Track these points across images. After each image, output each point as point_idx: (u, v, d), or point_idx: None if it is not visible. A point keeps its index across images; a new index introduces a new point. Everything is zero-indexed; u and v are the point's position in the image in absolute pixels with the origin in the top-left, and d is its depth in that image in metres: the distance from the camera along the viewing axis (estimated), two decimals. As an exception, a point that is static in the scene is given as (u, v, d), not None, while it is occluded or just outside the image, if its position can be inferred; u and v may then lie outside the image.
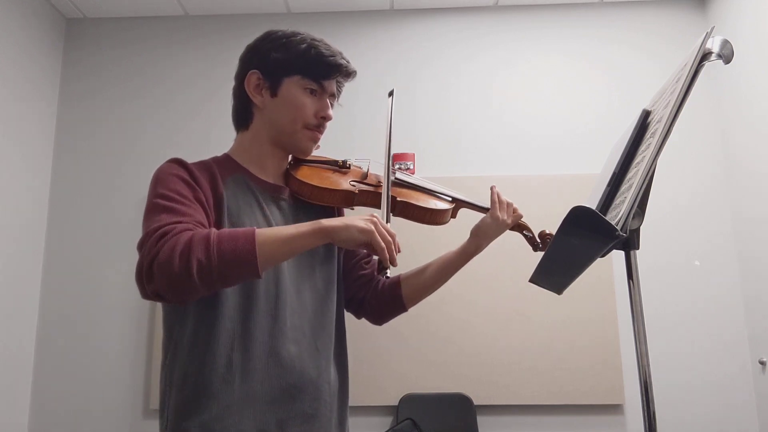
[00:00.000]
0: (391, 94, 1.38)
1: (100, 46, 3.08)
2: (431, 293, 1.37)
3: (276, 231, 1.02)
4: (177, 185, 1.08)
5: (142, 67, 3.06)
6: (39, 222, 2.86)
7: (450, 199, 1.39)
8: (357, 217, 1.05)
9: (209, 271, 0.95)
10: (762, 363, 2.52)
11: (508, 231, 1.40)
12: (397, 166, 2.84)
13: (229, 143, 1.30)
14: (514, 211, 1.39)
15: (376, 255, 1.06)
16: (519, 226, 1.42)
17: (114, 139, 2.98)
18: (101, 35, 3.09)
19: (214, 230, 1.00)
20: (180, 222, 1.01)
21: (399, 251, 1.07)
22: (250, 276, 0.99)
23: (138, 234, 1.02)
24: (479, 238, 1.36)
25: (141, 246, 1.01)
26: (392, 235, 1.06)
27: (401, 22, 3.07)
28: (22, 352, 2.72)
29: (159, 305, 2.73)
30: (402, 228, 1.31)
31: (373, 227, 1.03)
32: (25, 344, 2.74)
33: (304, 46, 1.20)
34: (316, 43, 1.22)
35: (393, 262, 1.05)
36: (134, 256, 1.00)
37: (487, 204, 1.40)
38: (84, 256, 2.86)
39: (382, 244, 1.04)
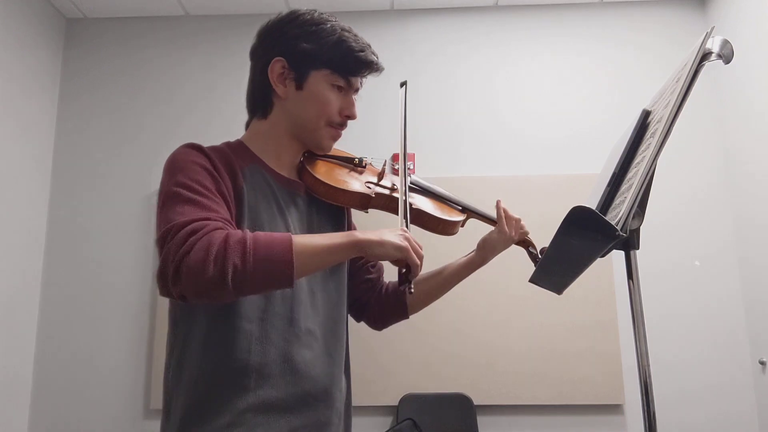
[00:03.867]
0: (403, 84, 1.28)
1: (100, 46, 3.08)
2: (433, 302, 1.36)
3: (310, 240, 0.96)
4: (198, 175, 1.00)
5: (142, 67, 3.06)
6: (39, 219, 2.86)
7: (461, 208, 1.37)
8: (389, 232, 1.01)
9: (244, 277, 0.89)
10: (762, 363, 2.52)
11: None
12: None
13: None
14: (521, 227, 1.39)
15: (400, 267, 1.03)
16: (524, 242, 1.42)
17: (113, 140, 2.98)
18: (101, 35, 3.09)
19: (249, 233, 0.92)
20: (209, 219, 0.93)
21: None
22: (283, 285, 0.92)
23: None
24: (485, 251, 1.34)
25: (164, 240, 0.91)
26: (421, 248, 1.04)
27: (401, 22, 3.07)
28: (22, 352, 2.72)
29: (160, 305, 2.75)
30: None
31: (408, 244, 1.00)
32: (25, 344, 2.74)
33: (334, 37, 1.12)
34: (347, 35, 1.14)
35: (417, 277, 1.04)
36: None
37: (495, 216, 1.38)
38: (85, 253, 2.85)
39: (417, 261, 1.01)
